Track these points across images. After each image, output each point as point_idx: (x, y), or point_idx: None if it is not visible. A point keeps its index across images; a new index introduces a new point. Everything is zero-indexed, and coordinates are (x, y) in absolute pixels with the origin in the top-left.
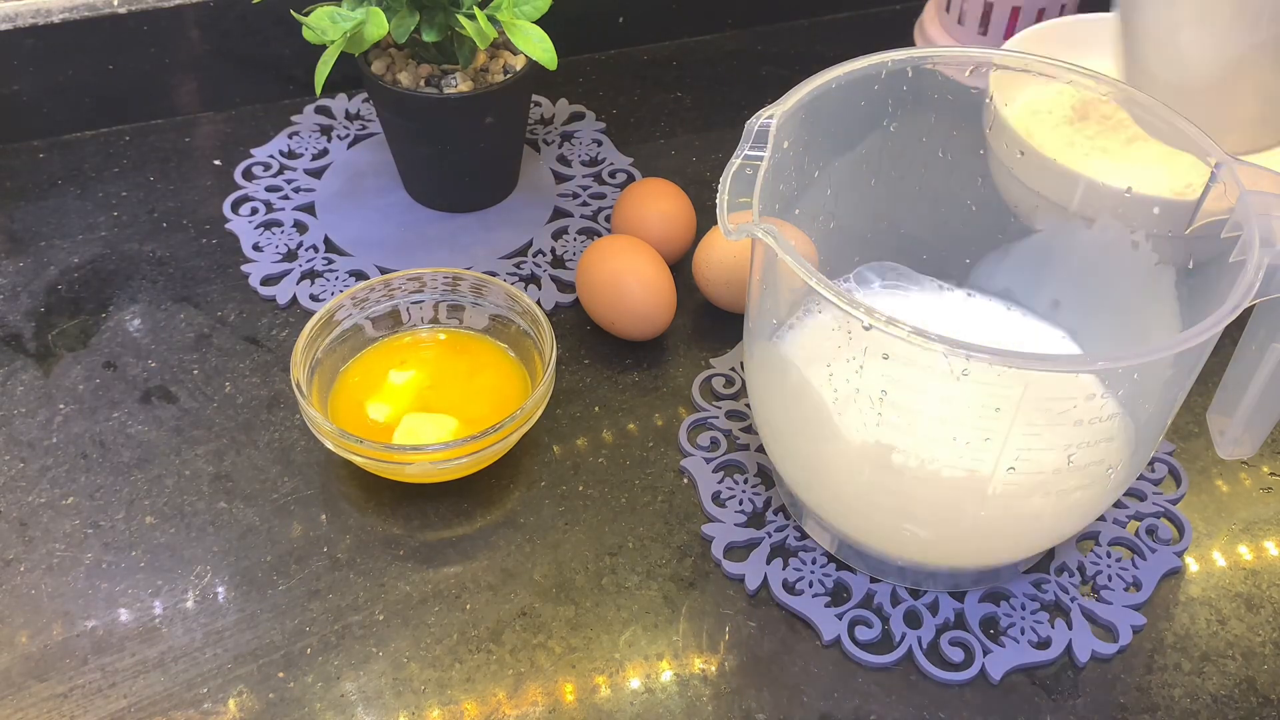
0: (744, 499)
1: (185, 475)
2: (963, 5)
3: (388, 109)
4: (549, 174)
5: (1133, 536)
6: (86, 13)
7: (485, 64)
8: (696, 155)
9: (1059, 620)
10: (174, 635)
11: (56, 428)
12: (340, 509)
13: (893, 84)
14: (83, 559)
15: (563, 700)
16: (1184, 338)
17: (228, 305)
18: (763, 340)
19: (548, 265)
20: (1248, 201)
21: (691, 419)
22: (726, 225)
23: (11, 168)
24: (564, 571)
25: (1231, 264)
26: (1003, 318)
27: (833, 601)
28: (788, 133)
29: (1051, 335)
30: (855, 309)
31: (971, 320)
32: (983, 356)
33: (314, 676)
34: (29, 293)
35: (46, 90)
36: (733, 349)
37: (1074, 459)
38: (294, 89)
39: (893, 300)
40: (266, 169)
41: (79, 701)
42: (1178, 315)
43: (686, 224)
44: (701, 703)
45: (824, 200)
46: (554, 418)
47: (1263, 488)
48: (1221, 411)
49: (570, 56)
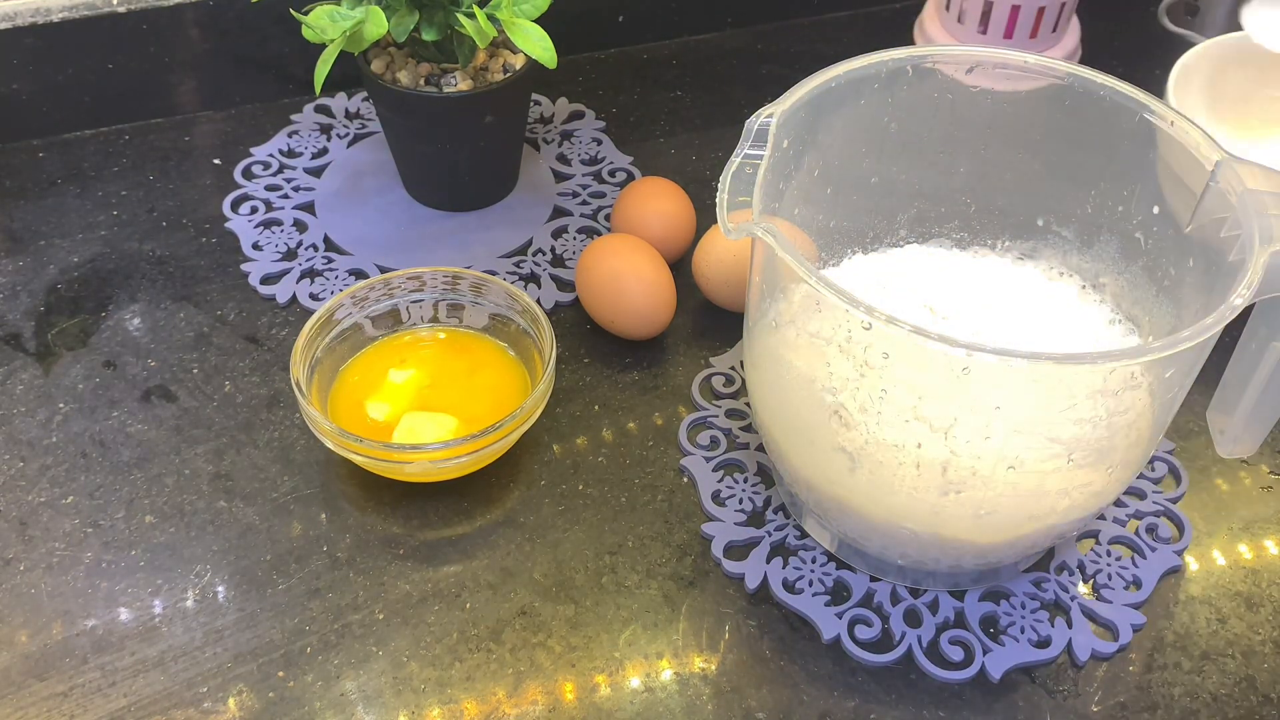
0: (744, 498)
1: (185, 474)
2: (962, 4)
3: (387, 108)
4: (549, 173)
5: (1133, 535)
6: (86, 12)
7: (485, 63)
8: (696, 154)
9: (1059, 619)
10: (174, 634)
11: (56, 427)
12: (340, 508)
13: (893, 83)
14: (82, 558)
15: (563, 699)
16: (1184, 336)
17: (227, 304)
18: (763, 339)
19: (547, 264)
20: (1247, 200)
21: (691, 418)
22: (726, 224)
23: (11, 167)
24: (564, 570)
25: (1231, 263)
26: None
27: (833, 600)
28: (788, 132)
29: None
30: (855, 308)
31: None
32: (983, 355)
33: (314, 675)
34: (29, 292)
35: (46, 89)
36: (732, 348)
37: (1074, 458)
38: (293, 88)
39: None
40: (266, 168)
41: (79, 700)
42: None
43: (686, 223)
44: (701, 701)
45: (824, 199)
46: (554, 417)
47: (1263, 486)
48: (1221, 410)
49: (570, 55)
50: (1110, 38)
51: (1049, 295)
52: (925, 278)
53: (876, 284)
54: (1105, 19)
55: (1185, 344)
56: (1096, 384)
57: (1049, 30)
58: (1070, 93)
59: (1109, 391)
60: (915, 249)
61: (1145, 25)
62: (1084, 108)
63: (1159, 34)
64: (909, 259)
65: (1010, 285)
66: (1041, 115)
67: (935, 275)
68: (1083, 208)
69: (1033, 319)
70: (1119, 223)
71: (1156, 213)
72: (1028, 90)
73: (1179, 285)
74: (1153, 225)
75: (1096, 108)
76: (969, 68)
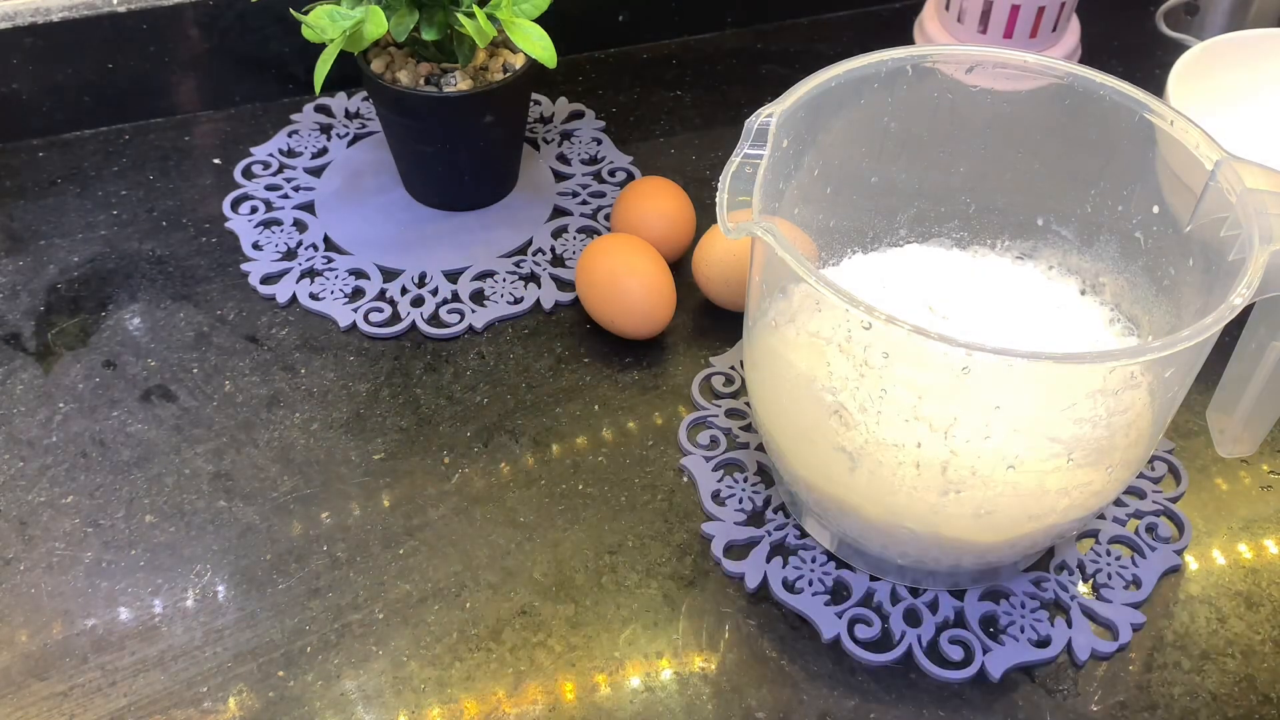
0: (744, 497)
1: (185, 474)
2: (962, 3)
3: (387, 107)
4: (548, 172)
5: (1132, 534)
6: (86, 11)
7: (485, 62)
8: (696, 154)
9: (1059, 618)
10: (174, 634)
11: (56, 426)
12: (340, 507)
13: (892, 82)
14: (82, 558)
15: (562, 698)
16: (1183, 336)
17: (227, 304)
18: (763, 338)
19: (547, 264)
20: (1247, 199)
21: (691, 417)
22: (726, 224)
23: (11, 166)
24: (564, 570)
25: (1231, 262)
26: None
27: (832, 600)
28: (787, 131)
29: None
30: (855, 307)
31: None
32: (983, 355)
33: (314, 675)
34: (29, 291)
35: (46, 89)
36: (732, 347)
37: (1074, 457)
38: (293, 87)
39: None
40: (266, 168)
41: (79, 700)
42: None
43: (686, 222)
44: (701, 701)
45: (823, 198)
46: (554, 416)
47: (1262, 486)
48: (1221, 409)
49: (570, 55)
50: (1110, 38)
51: (1049, 295)
52: (925, 277)
53: (876, 283)
54: (1105, 19)
55: (1185, 343)
56: (1096, 383)
57: (1049, 30)
58: (1070, 92)
59: (1109, 391)
60: (915, 248)
61: (1145, 25)
62: (1084, 107)
63: (1158, 34)
64: (909, 258)
65: (1010, 285)
66: (1041, 115)
67: (935, 275)
68: (1082, 207)
69: (1032, 318)
70: (1119, 222)
71: (1156, 212)
72: (1028, 90)
73: (1179, 285)
74: (1152, 225)
75: (1096, 107)
76: (969, 67)
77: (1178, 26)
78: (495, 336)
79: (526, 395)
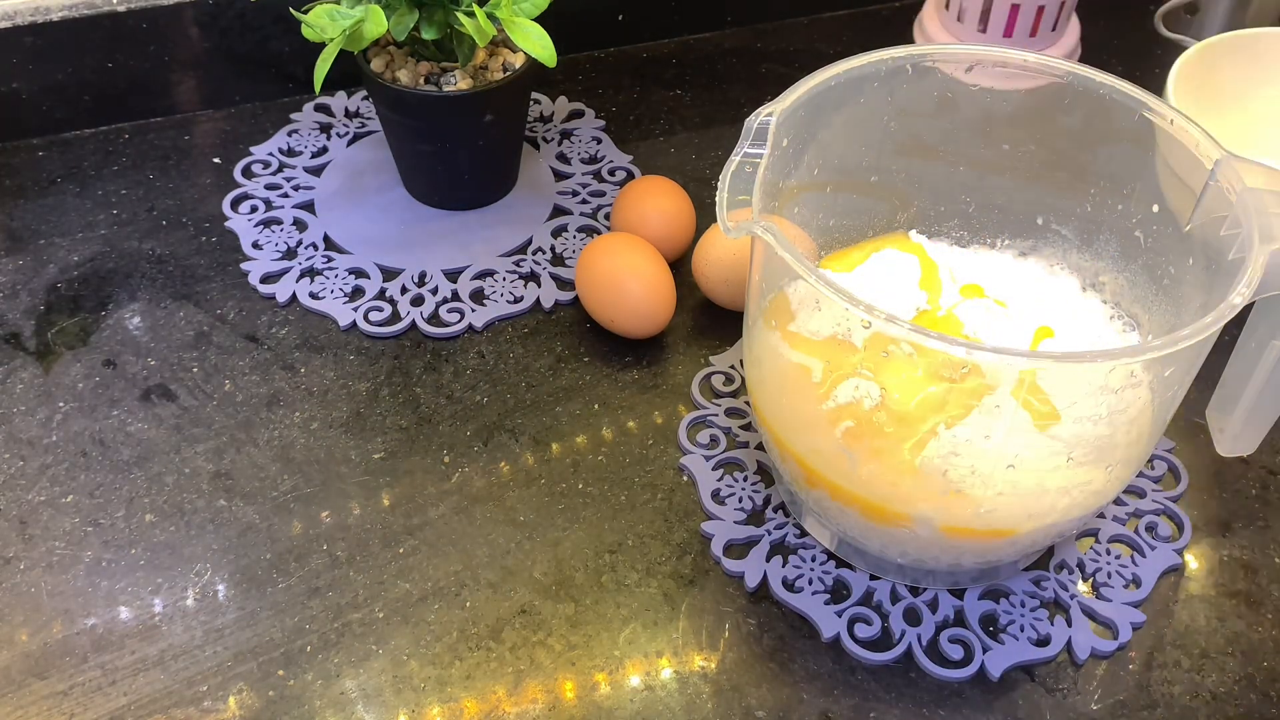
0: (743, 497)
1: (185, 473)
2: (962, 2)
3: (387, 107)
4: (548, 172)
5: (1132, 533)
6: (86, 10)
7: (484, 61)
8: (696, 153)
9: (1059, 617)
10: (174, 633)
11: (56, 426)
12: (340, 506)
13: (892, 81)
14: (82, 557)
15: (562, 698)
16: (1183, 335)
17: (227, 303)
18: (762, 337)
19: (547, 263)
20: (1247, 198)
21: (691, 417)
22: (726, 223)
23: (11, 166)
24: (564, 569)
25: (1231, 261)
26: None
27: (832, 599)
28: (787, 130)
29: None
30: (855, 306)
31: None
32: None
33: (314, 674)
34: (28, 291)
35: (46, 88)
36: (732, 346)
37: (1074, 456)
38: (293, 87)
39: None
40: (266, 167)
41: (79, 699)
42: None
43: (686, 222)
44: (701, 700)
45: (823, 197)
46: (554, 415)
47: (1262, 484)
48: (1221, 409)
49: (570, 54)
50: (1110, 37)
51: (1049, 294)
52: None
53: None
54: (1105, 19)
55: (1185, 342)
56: (1096, 382)
57: (1048, 29)
58: (1070, 91)
59: (1109, 390)
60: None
61: (1144, 25)
62: (1084, 106)
63: (1158, 34)
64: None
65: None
66: (1041, 114)
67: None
68: (1082, 206)
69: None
70: (1119, 221)
71: (1156, 211)
72: (1027, 89)
73: (1179, 283)
74: (1152, 223)
75: (1096, 106)
76: (968, 66)
77: (1177, 27)
78: (495, 336)
79: (526, 394)
